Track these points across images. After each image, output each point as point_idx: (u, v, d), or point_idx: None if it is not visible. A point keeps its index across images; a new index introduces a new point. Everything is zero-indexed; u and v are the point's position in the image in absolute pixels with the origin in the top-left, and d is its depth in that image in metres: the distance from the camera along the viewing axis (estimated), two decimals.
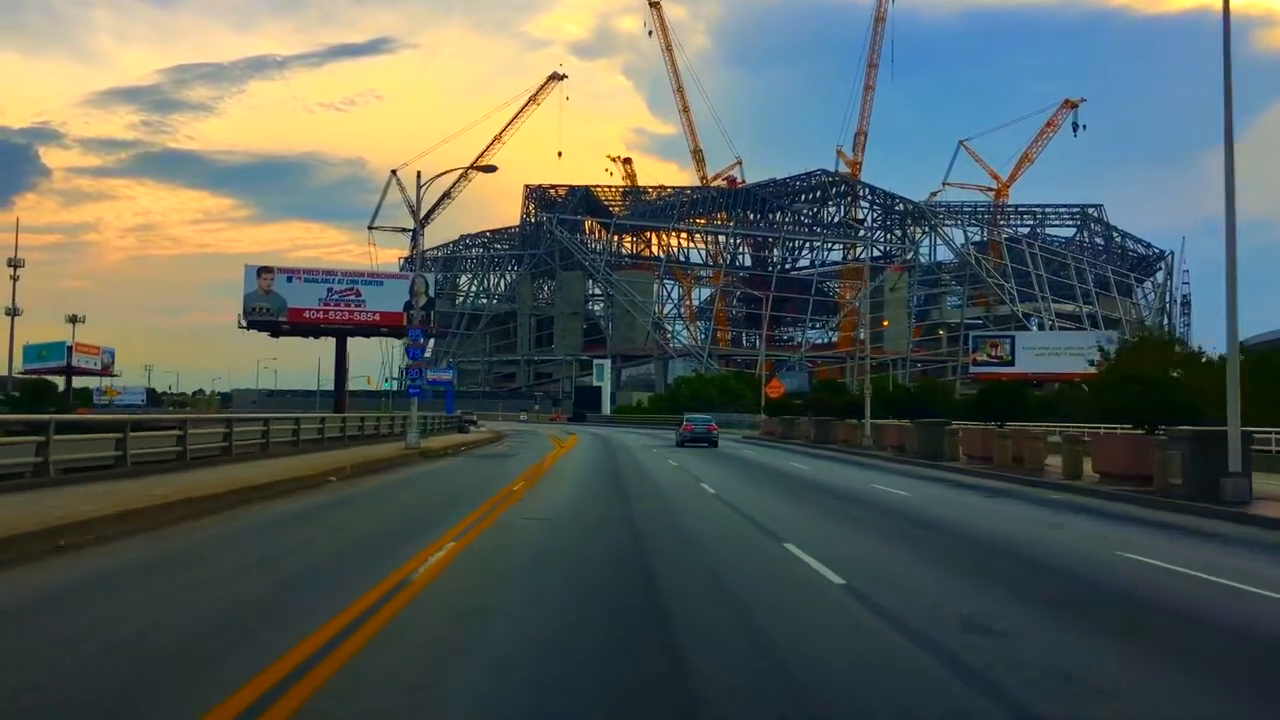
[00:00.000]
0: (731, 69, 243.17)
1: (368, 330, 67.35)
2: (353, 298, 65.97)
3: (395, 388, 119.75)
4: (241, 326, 65.48)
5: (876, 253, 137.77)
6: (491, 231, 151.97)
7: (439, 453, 31.07)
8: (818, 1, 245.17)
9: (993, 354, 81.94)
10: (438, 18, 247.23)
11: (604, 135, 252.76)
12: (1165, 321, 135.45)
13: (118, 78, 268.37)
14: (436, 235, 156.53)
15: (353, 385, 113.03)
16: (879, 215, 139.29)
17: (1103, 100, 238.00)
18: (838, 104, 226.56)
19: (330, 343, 68.52)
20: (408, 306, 69.77)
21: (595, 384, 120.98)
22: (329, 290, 66.04)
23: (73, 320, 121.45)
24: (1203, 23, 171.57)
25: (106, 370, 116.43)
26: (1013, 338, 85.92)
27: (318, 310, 65.50)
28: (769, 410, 56.86)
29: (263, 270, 66.00)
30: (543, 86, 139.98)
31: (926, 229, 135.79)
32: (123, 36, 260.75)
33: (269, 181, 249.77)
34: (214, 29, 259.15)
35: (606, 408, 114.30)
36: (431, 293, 68.73)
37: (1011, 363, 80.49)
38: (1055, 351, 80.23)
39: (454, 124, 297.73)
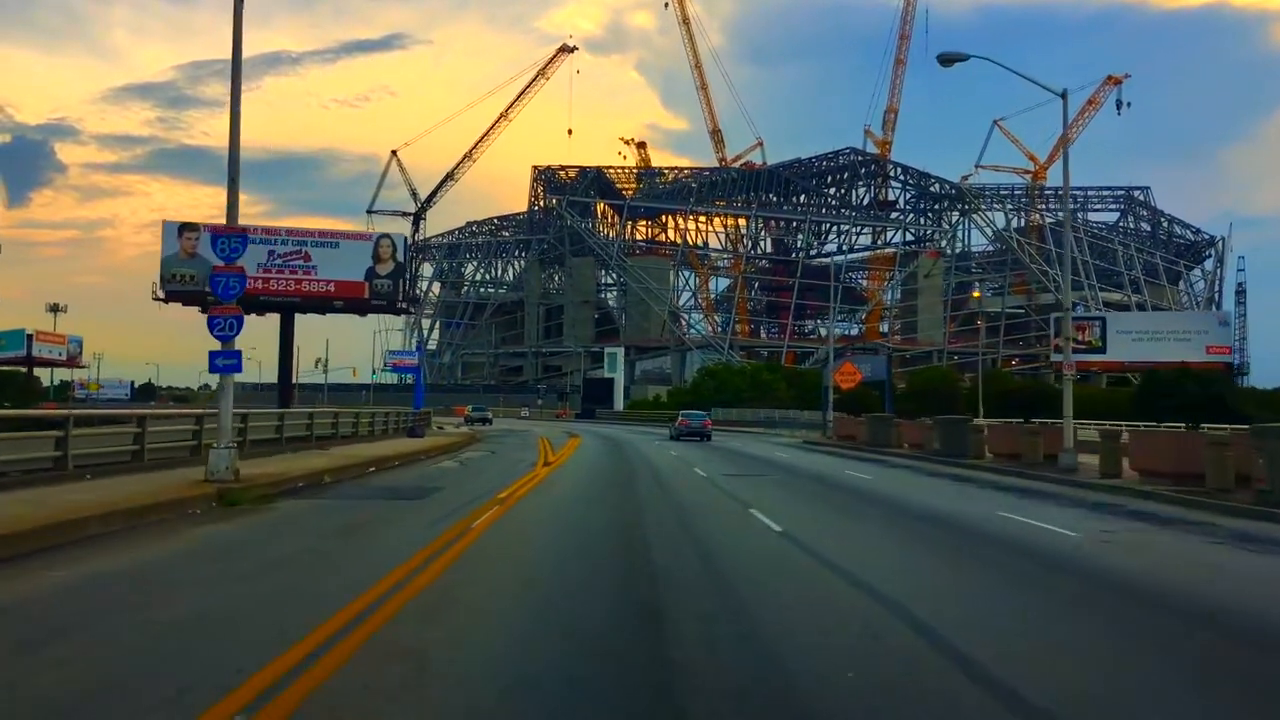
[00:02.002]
0: (747, 66, 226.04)
1: (319, 304, 49.44)
2: (300, 263, 48.47)
3: (378, 379, 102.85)
4: (158, 298, 48.05)
5: (909, 237, 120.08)
6: (499, 218, 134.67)
7: (275, 487, 13.80)
8: None
9: (1079, 339, 63.94)
10: (451, 14, 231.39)
11: (617, 130, 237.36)
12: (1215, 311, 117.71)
13: (133, 74, 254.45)
14: (441, 222, 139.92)
15: (334, 377, 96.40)
16: (912, 197, 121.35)
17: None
18: (856, 101, 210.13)
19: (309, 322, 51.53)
20: (370, 274, 52.49)
21: (607, 376, 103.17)
22: (270, 253, 48.43)
23: (54, 309, 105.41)
24: (1217, 16, 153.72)
25: (74, 361, 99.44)
26: (1103, 319, 67.75)
27: (256, 278, 47.68)
28: (840, 406, 39.48)
29: (185, 228, 48.49)
30: (552, 59, 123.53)
31: (961, 212, 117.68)
32: (139, 33, 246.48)
33: (284, 177, 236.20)
34: (229, 25, 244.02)
35: (619, 402, 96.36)
36: (401, 256, 51.18)
37: (1102, 349, 62.73)
38: (1158, 336, 62.56)
39: (466, 118, 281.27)
